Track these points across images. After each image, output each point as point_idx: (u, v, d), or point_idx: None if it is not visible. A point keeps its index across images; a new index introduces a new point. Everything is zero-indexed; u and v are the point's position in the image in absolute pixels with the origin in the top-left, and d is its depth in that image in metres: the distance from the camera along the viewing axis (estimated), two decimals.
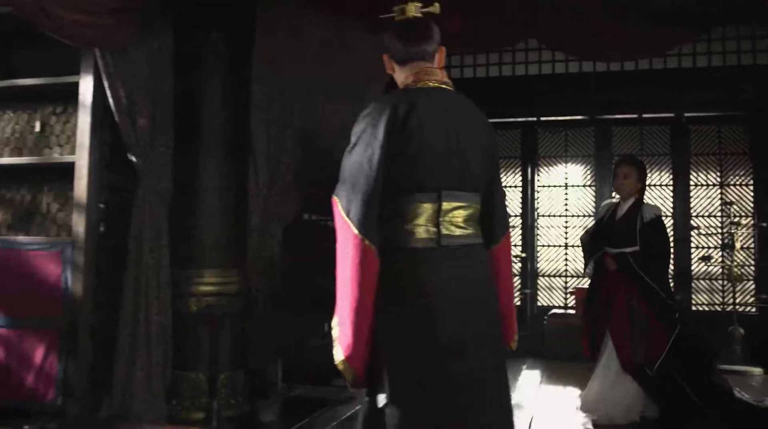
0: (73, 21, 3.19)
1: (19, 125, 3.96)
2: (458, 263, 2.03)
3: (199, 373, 3.87)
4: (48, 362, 3.63)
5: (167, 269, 3.87)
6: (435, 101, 2.07)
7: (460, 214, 2.06)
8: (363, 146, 1.99)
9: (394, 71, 2.22)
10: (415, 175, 2.01)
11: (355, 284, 1.92)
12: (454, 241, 2.04)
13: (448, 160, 2.04)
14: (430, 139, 2.01)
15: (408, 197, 2.02)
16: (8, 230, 3.92)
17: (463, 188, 2.08)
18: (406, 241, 2.01)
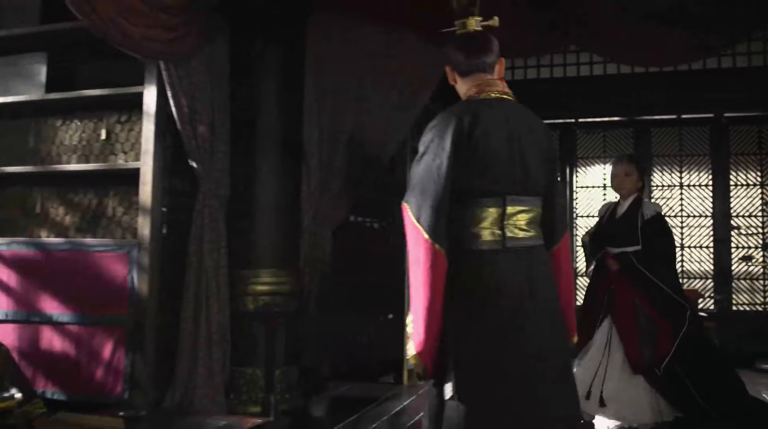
0: (142, 36, 3.39)
1: (85, 133, 4.17)
2: (522, 264, 2.16)
3: (256, 369, 4.06)
4: (116, 358, 3.83)
5: (226, 270, 4.06)
6: (497, 111, 2.19)
7: (523, 218, 2.19)
8: (431, 156, 2.12)
9: (455, 82, 2.34)
10: (481, 181, 2.14)
11: (427, 286, 2.06)
12: (517, 243, 2.17)
13: (511, 166, 2.17)
14: (495, 148, 2.14)
15: (474, 202, 2.15)
16: (76, 232, 4.13)
17: (526, 193, 2.21)
18: (472, 243, 2.14)
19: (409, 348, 2.11)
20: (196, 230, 4.00)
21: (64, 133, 4.22)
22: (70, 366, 3.90)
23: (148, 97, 3.87)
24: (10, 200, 4.34)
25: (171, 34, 3.58)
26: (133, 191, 4.01)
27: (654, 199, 7.61)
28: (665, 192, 7.68)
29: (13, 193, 4.35)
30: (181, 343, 3.92)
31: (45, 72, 4.26)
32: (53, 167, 4.16)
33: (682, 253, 7.49)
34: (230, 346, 4.06)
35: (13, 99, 4.23)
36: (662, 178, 7.69)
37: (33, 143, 4.29)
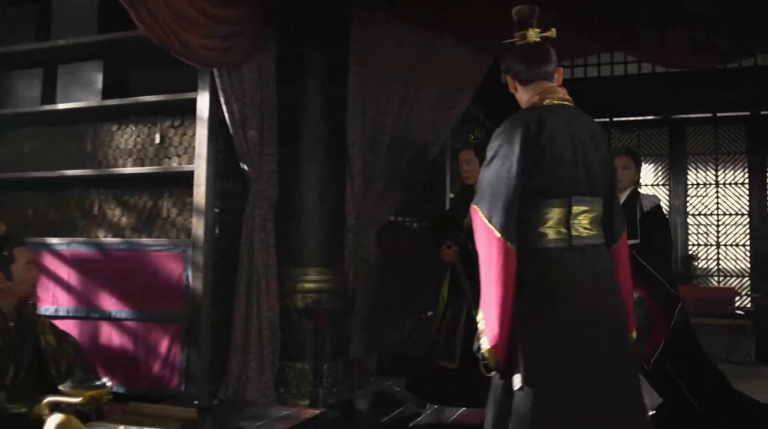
0: (200, 46, 3.55)
1: (140, 138, 4.34)
2: (587, 261, 2.30)
3: (305, 363, 4.22)
4: (172, 352, 4.00)
5: (275, 268, 4.22)
6: (560, 116, 2.33)
7: (586, 217, 2.33)
8: (501, 160, 2.26)
9: (516, 91, 2.47)
10: (548, 183, 2.28)
11: (500, 283, 2.19)
12: (582, 242, 2.30)
13: (575, 168, 2.30)
14: (560, 151, 2.28)
15: (540, 203, 2.29)
16: (132, 233, 4.31)
17: (589, 193, 2.34)
18: (539, 242, 2.28)
19: (483, 343, 2.23)
20: (247, 230, 4.16)
21: (119, 138, 4.40)
22: (129, 360, 4.07)
23: (201, 103, 4.03)
24: (70, 202, 4.54)
25: (225, 44, 3.74)
26: (186, 193, 4.18)
27: (689, 197, 7.64)
28: (700, 190, 7.71)
29: (72, 195, 4.55)
30: (233, 338, 4.09)
31: (101, 79, 4.43)
32: (110, 170, 4.34)
33: (717, 251, 7.52)
34: (280, 341, 4.22)
35: (73, 105, 4.41)
36: (697, 176, 7.72)
37: (90, 147, 4.48)
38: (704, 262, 7.62)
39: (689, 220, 7.63)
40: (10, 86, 4.76)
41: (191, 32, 3.45)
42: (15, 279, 2.58)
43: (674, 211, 7.59)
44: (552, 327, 2.23)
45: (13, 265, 2.58)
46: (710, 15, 3.98)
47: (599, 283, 2.30)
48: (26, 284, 2.63)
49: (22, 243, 2.69)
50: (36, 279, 2.70)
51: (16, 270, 2.58)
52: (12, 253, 2.59)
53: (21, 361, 2.52)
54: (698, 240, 7.64)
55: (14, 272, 2.58)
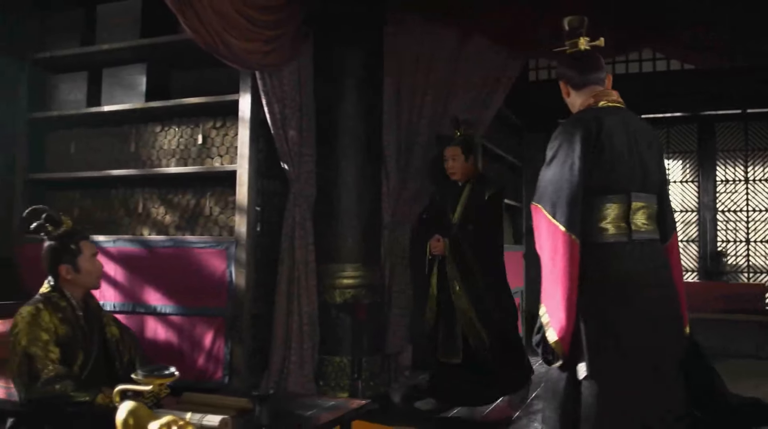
0: (243, 49, 3.68)
1: (183, 138, 4.49)
2: (646, 255, 2.40)
3: (344, 357, 4.34)
4: (216, 346, 4.14)
5: (314, 264, 4.34)
6: (615, 117, 2.44)
7: (644, 213, 2.43)
8: (562, 158, 2.37)
9: (569, 96, 2.59)
10: (608, 179, 2.38)
11: (566, 277, 2.29)
12: (641, 237, 2.40)
13: (632, 166, 2.41)
14: (618, 149, 2.38)
15: (601, 199, 2.39)
16: (176, 230, 4.46)
17: (645, 190, 2.44)
18: (600, 237, 2.38)
19: (549, 335, 2.32)
20: (287, 228, 4.28)
21: (163, 139, 4.55)
22: (174, 353, 4.22)
23: (243, 105, 4.16)
24: (115, 201, 4.71)
25: (267, 47, 3.87)
26: (228, 192, 4.32)
27: (718, 193, 7.64)
28: (729, 186, 7.70)
29: (117, 194, 4.71)
30: (274, 333, 4.22)
31: (145, 82, 4.58)
32: (154, 170, 4.49)
33: (747, 248, 7.52)
34: (319, 335, 4.34)
35: (118, 107, 4.57)
36: (726, 172, 7.72)
37: (134, 148, 4.63)
38: (733, 259, 7.63)
39: (718, 217, 7.64)
40: (55, 89, 4.94)
41: (235, 36, 3.58)
42: (82, 271, 2.71)
43: (703, 208, 7.60)
44: (616, 319, 2.33)
45: (80, 258, 2.71)
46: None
47: (659, 277, 2.41)
48: (92, 276, 2.76)
49: (86, 237, 2.81)
50: (100, 271, 2.82)
51: (83, 262, 2.71)
52: (78, 246, 2.72)
53: (90, 350, 2.65)
54: (727, 236, 7.64)
55: (81, 264, 2.70)
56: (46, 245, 2.72)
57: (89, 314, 2.73)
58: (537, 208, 2.41)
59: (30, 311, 2.56)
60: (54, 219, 2.71)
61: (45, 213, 2.72)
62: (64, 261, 2.68)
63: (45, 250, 2.72)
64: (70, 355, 2.58)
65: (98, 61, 4.75)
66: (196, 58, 4.48)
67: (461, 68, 4.59)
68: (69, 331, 2.60)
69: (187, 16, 3.31)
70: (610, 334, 2.31)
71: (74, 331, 2.62)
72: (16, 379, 2.49)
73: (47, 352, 2.48)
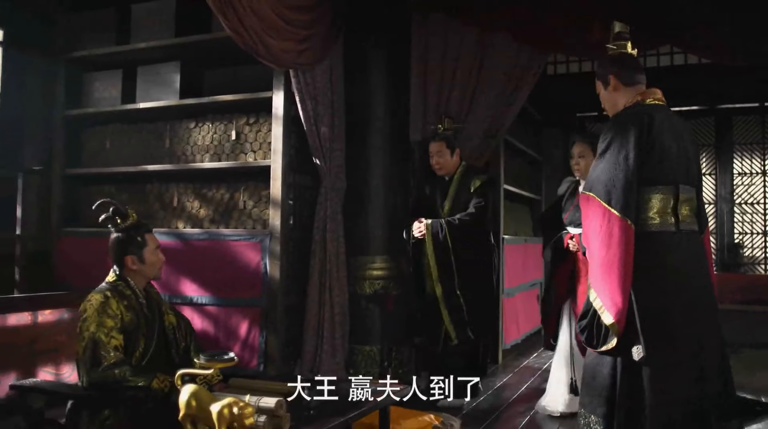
0: (279, 48, 3.80)
1: (217, 134, 4.62)
2: (691, 245, 2.56)
3: (373, 346, 4.48)
4: (251, 336, 4.28)
5: (344, 256, 4.47)
6: (663, 113, 2.62)
7: (688, 205, 2.59)
8: (616, 150, 2.52)
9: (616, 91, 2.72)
10: (659, 171, 2.53)
11: (622, 261, 2.44)
12: (686, 227, 2.57)
13: (679, 160, 2.57)
14: (668, 143, 2.55)
15: (651, 189, 2.54)
16: (211, 223, 4.60)
17: (689, 183, 2.60)
18: (650, 227, 2.53)
19: (605, 318, 2.47)
20: (319, 221, 4.42)
21: (197, 135, 4.69)
22: (210, 342, 4.35)
23: (277, 102, 4.29)
24: (150, 195, 4.86)
25: (301, 46, 3.99)
26: (261, 186, 4.45)
27: (736, 186, 7.72)
28: (746, 179, 7.77)
29: (153, 188, 4.86)
30: (307, 322, 4.36)
31: (179, 79, 4.72)
32: (190, 165, 4.63)
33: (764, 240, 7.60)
34: (349, 325, 4.48)
35: (154, 104, 4.71)
36: (743, 165, 7.79)
37: (169, 144, 4.77)
38: (750, 251, 7.71)
39: (735, 209, 7.72)
40: (90, 87, 5.09)
41: (273, 36, 3.71)
42: (146, 262, 2.85)
43: (720, 200, 7.68)
44: (669, 306, 2.48)
45: (145, 250, 2.85)
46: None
47: (702, 266, 2.58)
48: (155, 266, 2.90)
49: (150, 229, 2.95)
50: (163, 262, 2.96)
51: (147, 253, 2.85)
52: (144, 238, 2.86)
53: (150, 337, 2.80)
54: (744, 228, 7.72)
55: (145, 255, 2.85)
56: (114, 237, 2.85)
57: (150, 303, 2.87)
58: (589, 196, 2.56)
59: (99, 299, 2.70)
60: (121, 212, 2.86)
61: (112, 206, 2.86)
62: (130, 252, 2.82)
63: (112, 241, 2.85)
64: (133, 342, 2.72)
65: (133, 60, 4.89)
66: (229, 56, 4.63)
67: (486, 64, 4.69)
68: (133, 318, 2.74)
69: (229, 18, 3.43)
70: (663, 320, 2.47)
71: (138, 319, 2.76)
72: (80, 362, 2.63)
73: (111, 339, 2.62)
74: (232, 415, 2.20)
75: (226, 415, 2.20)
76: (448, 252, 4.28)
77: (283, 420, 2.33)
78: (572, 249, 4.04)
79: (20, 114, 4.94)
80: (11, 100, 4.90)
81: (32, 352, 3.20)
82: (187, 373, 2.43)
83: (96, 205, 2.96)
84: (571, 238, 4.06)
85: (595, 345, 2.52)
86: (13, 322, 3.13)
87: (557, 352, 4.18)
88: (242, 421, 2.19)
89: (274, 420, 2.31)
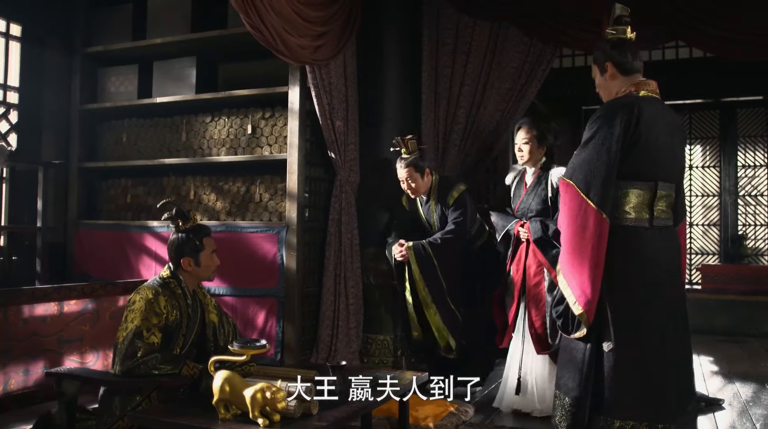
0: (297, 45, 3.89)
1: (233, 128, 4.71)
2: (663, 240, 2.61)
3: (387, 335, 4.58)
4: (269, 325, 4.38)
5: (358, 248, 4.57)
6: (654, 108, 2.61)
7: (665, 201, 2.63)
8: (600, 140, 2.54)
9: (613, 79, 2.70)
10: (640, 166, 2.57)
11: (594, 253, 2.50)
12: (660, 223, 2.61)
13: (665, 156, 2.61)
14: (653, 140, 2.57)
15: (630, 185, 2.58)
16: (227, 216, 4.70)
17: (670, 180, 2.64)
18: (625, 220, 2.58)
19: (575, 308, 2.56)
20: (334, 213, 4.51)
21: (213, 128, 4.78)
22: None
23: (293, 96, 4.38)
24: (166, 188, 4.95)
25: (318, 42, 4.08)
26: (277, 179, 4.55)
27: (740, 178, 7.80)
28: (749, 171, 7.85)
29: (169, 182, 4.95)
30: (322, 312, 4.46)
31: (195, 74, 4.80)
32: (206, 159, 4.72)
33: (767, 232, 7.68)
34: (363, 315, 4.58)
35: (170, 99, 4.80)
36: (746, 157, 7.87)
37: (185, 138, 4.86)
38: (753, 242, 7.80)
39: (739, 201, 7.81)
40: (106, 82, 5.18)
41: (291, 33, 3.79)
42: (201, 265, 2.95)
43: (724, 192, 7.76)
44: (640, 298, 2.55)
45: (202, 253, 2.94)
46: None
47: (674, 261, 2.64)
48: (209, 270, 3.00)
49: (209, 233, 3.03)
50: (217, 265, 3.04)
51: (203, 257, 2.95)
52: (202, 242, 2.95)
53: (189, 336, 2.89)
54: (747, 220, 7.81)
55: (201, 259, 2.94)
56: (174, 237, 2.95)
57: (195, 303, 2.96)
58: (569, 184, 2.59)
59: (150, 294, 2.79)
60: (184, 214, 2.95)
61: (175, 208, 2.95)
62: (187, 254, 2.92)
63: (171, 242, 2.95)
64: (172, 340, 2.83)
65: (149, 55, 4.98)
66: (244, 52, 4.72)
67: (497, 60, 4.77)
68: (177, 318, 2.84)
69: (250, 16, 3.52)
70: (633, 311, 2.54)
71: (181, 319, 2.86)
72: (117, 349, 2.72)
73: (151, 336, 2.72)
74: (264, 399, 2.30)
75: (259, 399, 2.30)
76: (435, 271, 4.13)
77: (312, 404, 2.43)
78: (522, 238, 3.92)
79: (39, 108, 5.04)
80: (30, 94, 4.99)
81: (59, 341, 3.30)
82: (220, 359, 2.53)
83: (160, 204, 3.08)
84: (521, 226, 3.94)
85: (569, 331, 2.60)
86: (40, 312, 3.22)
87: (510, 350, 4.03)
88: (274, 404, 2.30)
89: (303, 404, 2.41)
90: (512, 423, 3.74)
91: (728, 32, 3.94)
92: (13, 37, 4.95)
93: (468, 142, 4.85)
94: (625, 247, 2.56)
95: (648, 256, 2.56)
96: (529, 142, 3.95)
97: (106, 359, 3.46)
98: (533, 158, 3.98)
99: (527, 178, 4.06)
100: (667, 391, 2.55)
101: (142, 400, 2.73)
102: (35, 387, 3.11)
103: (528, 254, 3.90)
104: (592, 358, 2.58)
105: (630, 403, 2.52)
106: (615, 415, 2.52)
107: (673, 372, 2.58)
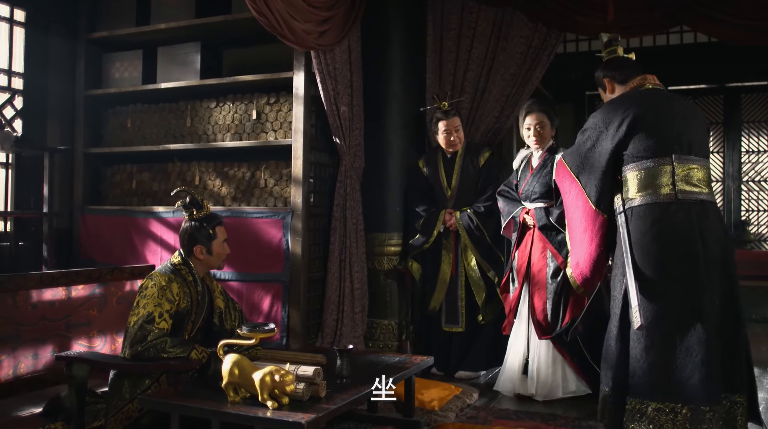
0: (302, 30, 3.89)
1: (238, 114, 4.71)
2: (693, 215, 2.65)
3: (391, 320, 4.61)
4: (274, 310, 4.41)
5: (363, 233, 4.59)
6: (658, 94, 2.87)
7: (693, 175, 2.70)
8: (601, 133, 2.82)
9: (613, 92, 3.01)
10: (655, 144, 2.72)
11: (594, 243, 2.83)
12: (688, 197, 2.67)
13: (677, 132, 2.75)
14: (663, 118, 2.77)
15: (647, 162, 2.72)
16: (232, 201, 4.71)
17: (691, 153, 2.72)
18: (649, 197, 2.71)
19: (572, 281, 3.06)
20: (339, 198, 4.53)
21: (218, 114, 4.78)
22: None
23: (298, 82, 4.37)
24: (172, 174, 4.96)
25: (322, 27, 4.08)
26: (282, 164, 4.55)
27: (743, 164, 7.80)
28: (753, 157, 7.84)
29: (174, 167, 4.96)
30: (327, 296, 4.49)
31: (199, 59, 4.79)
32: (211, 144, 4.73)
33: None
34: (368, 300, 4.61)
35: (175, 84, 4.80)
36: (750, 143, 7.86)
37: (190, 123, 4.86)
38: (757, 228, 7.81)
39: (743, 187, 7.81)
40: (111, 67, 5.17)
41: (297, 19, 3.79)
42: (213, 253, 3.00)
43: (728, 178, 7.76)
44: (667, 277, 2.61)
45: (214, 242, 2.99)
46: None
47: (706, 238, 2.64)
48: (220, 258, 3.05)
49: (221, 222, 3.08)
50: (227, 254, 3.08)
51: (215, 246, 3.00)
52: (215, 230, 3.00)
53: (197, 322, 2.94)
54: (751, 206, 7.81)
55: (213, 247, 2.99)
56: (187, 225, 3.00)
57: (204, 288, 2.99)
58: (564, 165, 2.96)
59: (163, 280, 2.83)
60: (198, 203, 2.99)
61: (189, 196, 2.98)
62: (200, 242, 2.96)
63: (184, 229, 3.00)
64: (182, 325, 2.87)
65: (153, 40, 4.97)
66: (248, 37, 4.71)
67: (501, 45, 4.75)
68: (188, 304, 2.89)
69: (255, 1, 3.52)
70: (661, 292, 2.61)
71: (191, 306, 2.90)
72: (128, 333, 2.75)
73: (162, 321, 2.76)
74: (273, 382, 2.33)
75: (268, 382, 2.33)
76: (484, 238, 4.34)
77: (320, 387, 2.46)
78: (529, 224, 3.97)
79: (43, 94, 5.04)
80: (34, 80, 4.99)
81: (67, 325, 3.33)
82: (228, 343, 2.56)
83: (174, 192, 3.11)
84: (527, 213, 3.98)
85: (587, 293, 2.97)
86: (49, 297, 3.24)
87: (513, 335, 4.05)
88: (283, 387, 2.33)
89: (312, 387, 2.43)
90: (515, 406, 3.78)
91: (733, 17, 3.95)
92: (18, 22, 4.94)
93: (472, 127, 4.84)
94: (651, 225, 2.67)
95: (675, 233, 2.63)
96: (543, 126, 4.03)
97: (114, 344, 3.49)
98: (545, 141, 4.05)
99: (533, 161, 4.12)
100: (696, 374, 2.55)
101: (151, 384, 2.77)
102: (44, 371, 3.14)
103: (534, 241, 3.94)
104: (621, 346, 2.69)
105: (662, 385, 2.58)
106: (648, 397, 2.59)
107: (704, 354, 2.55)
